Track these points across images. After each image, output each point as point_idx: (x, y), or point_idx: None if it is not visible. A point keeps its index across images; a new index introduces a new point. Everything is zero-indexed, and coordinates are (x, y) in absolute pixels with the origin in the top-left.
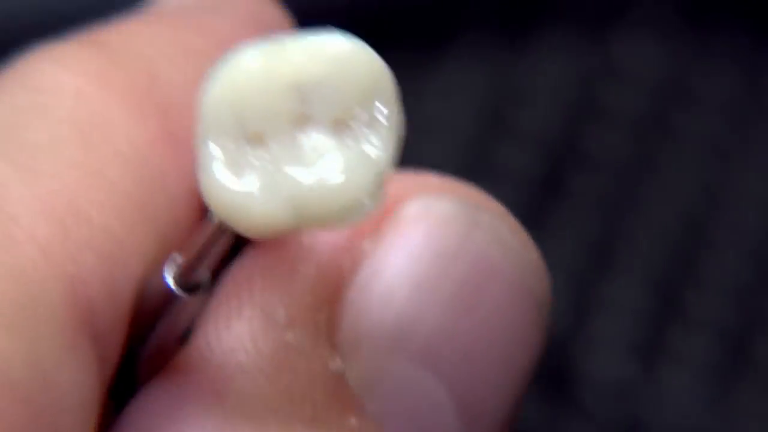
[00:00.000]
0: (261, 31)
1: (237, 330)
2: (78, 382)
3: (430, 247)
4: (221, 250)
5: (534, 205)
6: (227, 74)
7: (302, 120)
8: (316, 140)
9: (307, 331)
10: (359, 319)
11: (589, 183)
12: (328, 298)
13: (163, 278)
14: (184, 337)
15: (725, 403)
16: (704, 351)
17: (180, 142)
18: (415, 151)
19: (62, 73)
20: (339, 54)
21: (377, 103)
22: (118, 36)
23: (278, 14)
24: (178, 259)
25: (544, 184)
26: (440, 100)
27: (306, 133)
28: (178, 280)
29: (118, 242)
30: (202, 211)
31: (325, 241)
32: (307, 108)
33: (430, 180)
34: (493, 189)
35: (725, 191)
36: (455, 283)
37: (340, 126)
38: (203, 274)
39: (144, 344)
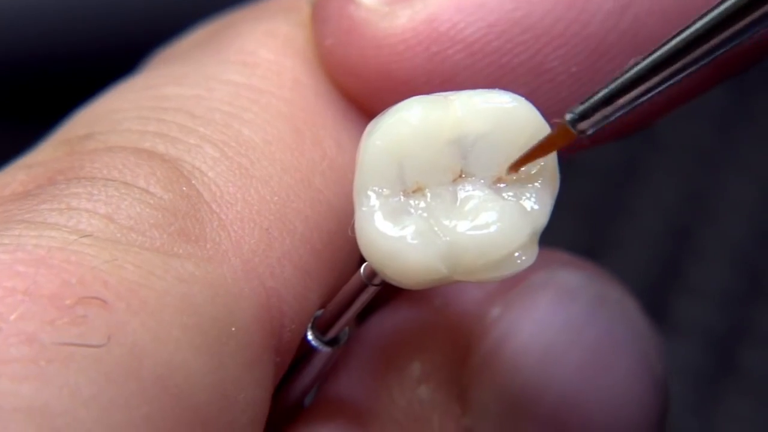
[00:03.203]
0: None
1: (372, 381)
2: (253, 400)
3: (558, 316)
4: (362, 306)
5: None
6: (391, 126)
7: (461, 174)
8: (474, 193)
9: (440, 388)
10: (490, 381)
11: (577, 189)
12: (460, 358)
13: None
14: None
15: (712, 409)
16: (691, 357)
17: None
18: None
19: (281, 54)
20: (500, 110)
21: (537, 159)
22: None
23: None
24: (318, 313)
25: None
26: None
27: (464, 186)
28: (317, 334)
29: (317, 255)
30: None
31: (456, 305)
32: (467, 162)
33: (557, 255)
34: None
35: (711, 198)
36: (582, 354)
37: (498, 180)
38: (342, 329)
39: (280, 388)
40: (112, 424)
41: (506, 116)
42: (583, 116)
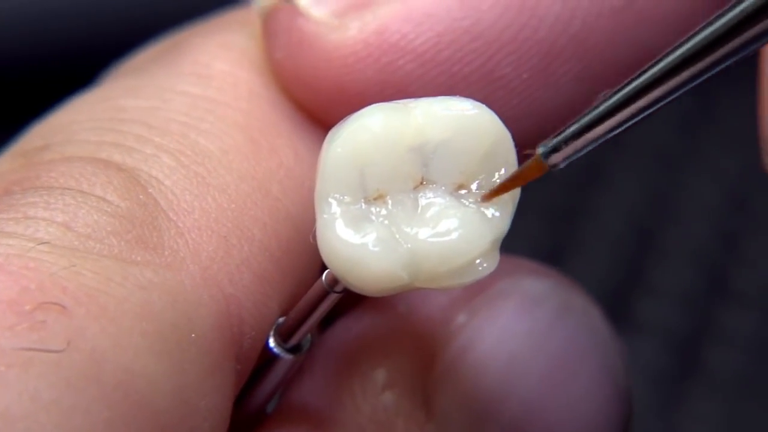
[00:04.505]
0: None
1: (336, 387)
2: (214, 407)
3: (522, 324)
4: (323, 313)
5: None
6: (351, 134)
7: (422, 181)
8: (435, 200)
9: (405, 394)
10: (454, 387)
11: (539, 191)
12: (425, 365)
13: (265, 340)
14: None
15: (675, 409)
16: (654, 357)
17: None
18: None
19: (236, 66)
20: (461, 117)
21: (497, 167)
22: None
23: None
24: (281, 320)
25: None
26: None
27: (425, 193)
28: (279, 341)
29: (275, 262)
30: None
31: (420, 312)
32: (428, 169)
33: (522, 262)
34: None
35: (674, 199)
36: (546, 362)
37: (459, 187)
38: (304, 335)
39: (243, 395)
40: (73, 428)
41: (467, 123)
42: (555, 149)
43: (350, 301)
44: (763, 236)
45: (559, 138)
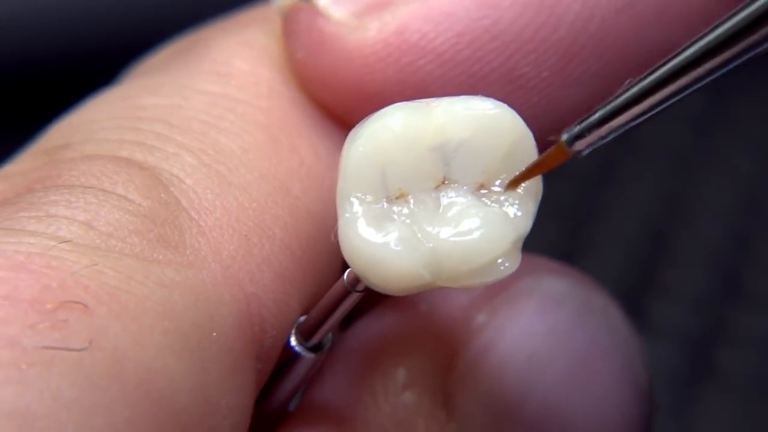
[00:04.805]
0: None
1: (357, 387)
2: (235, 406)
3: (543, 323)
4: (345, 312)
5: None
6: (373, 133)
7: (443, 180)
8: (457, 200)
9: (426, 394)
10: (475, 387)
11: (553, 193)
12: (445, 365)
13: (287, 339)
14: (298, 389)
15: (689, 411)
16: (667, 359)
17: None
18: None
19: (256, 64)
20: (483, 116)
21: (519, 166)
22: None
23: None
24: (302, 319)
25: None
26: None
27: (447, 193)
28: (300, 340)
29: (296, 261)
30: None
31: (441, 311)
32: (449, 168)
33: (542, 261)
34: None
35: (688, 201)
36: (567, 361)
37: (480, 187)
38: (325, 334)
39: (264, 394)
40: (94, 427)
41: (488, 123)
42: (579, 136)
43: (371, 300)
44: None
45: (583, 125)
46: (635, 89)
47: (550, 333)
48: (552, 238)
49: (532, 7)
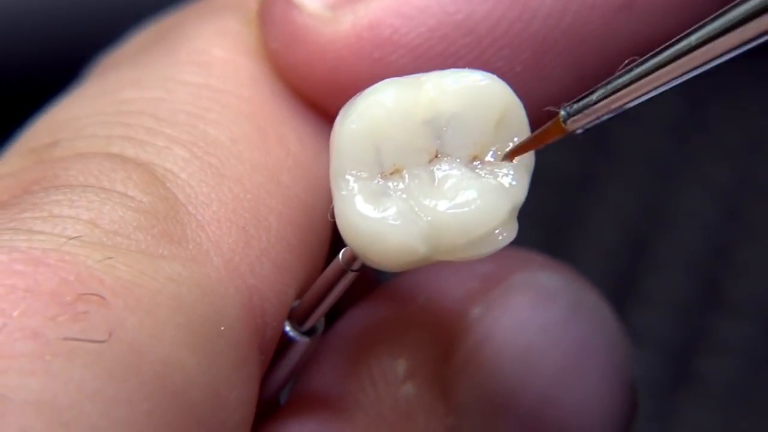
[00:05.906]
0: None
1: (355, 377)
2: (244, 399)
3: (538, 317)
4: (340, 293)
5: None
6: (365, 109)
7: (437, 154)
8: (451, 172)
9: (425, 386)
10: (472, 379)
11: (533, 200)
12: (442, 357)
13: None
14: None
15: (670, 419)
16: (648, 367)
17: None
18: None
19: (234, 52)
20: (472, 88)
21: (510, 136)
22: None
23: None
24: (295, 304)
25: None
26: None
27: (440, 166)
28: (294, 325)
29: (292, 250)
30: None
31: (438, 302)
32: (442, 142)
33: (535, 257)
34: None
35: (667, 208)
36: (561, 355)
37: (473, 158)
38: (320, 317)
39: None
40: (116, 419)
41: (479, 94)
42: (575, 114)
43: (359, 291)
44: (755, 245)
45: (580, 104)
46: (634, 72)
47: (545, 327)
48: (532, 245)
49: (505, 1)
